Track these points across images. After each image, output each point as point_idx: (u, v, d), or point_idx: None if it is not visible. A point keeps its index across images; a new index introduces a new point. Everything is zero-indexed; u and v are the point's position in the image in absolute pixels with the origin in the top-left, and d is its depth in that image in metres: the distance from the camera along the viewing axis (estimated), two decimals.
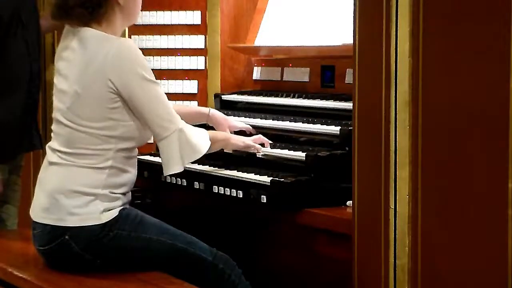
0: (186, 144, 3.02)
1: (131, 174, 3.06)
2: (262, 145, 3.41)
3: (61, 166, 2.99)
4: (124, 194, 3.04)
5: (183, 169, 3.05)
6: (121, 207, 3.00)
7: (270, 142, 3.44)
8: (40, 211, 3.01)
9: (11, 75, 3.55)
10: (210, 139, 3.15)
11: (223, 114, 3.60)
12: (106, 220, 2.95)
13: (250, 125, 3.61)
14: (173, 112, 3.03)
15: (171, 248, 3.00)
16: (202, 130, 3.18)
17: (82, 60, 2.97)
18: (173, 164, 3.03)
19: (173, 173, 3.06)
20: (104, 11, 3.01)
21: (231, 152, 3.42)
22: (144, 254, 3.00)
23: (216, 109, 3.99)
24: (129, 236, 2.97)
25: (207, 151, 3.13)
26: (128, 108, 2.96)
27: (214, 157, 3.50)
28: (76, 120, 2.97)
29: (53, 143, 3.06)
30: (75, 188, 2.95)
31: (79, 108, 2.97)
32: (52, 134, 3.09)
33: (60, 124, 3.03)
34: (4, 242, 3.43)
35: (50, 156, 3.05)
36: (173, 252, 3.01)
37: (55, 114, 3.06)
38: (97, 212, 2.94)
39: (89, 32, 2.99)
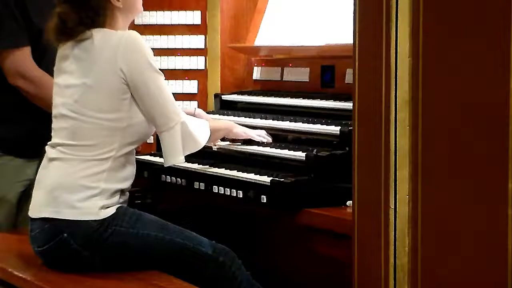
0: (188, 135, 3.06)
1: (130, 171, 3.08)
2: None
3: (61, 160, 3.00)
4: (123, 191, 3.05)
5: (184, 161, 3.09)
6: (119, 205, 3.01)
7: (270, 140, 3.47)
8: (38, 206, 3.02)
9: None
10: (211, 128, 3.22)
11: (206, 113, 3.66)
12: (104, 217, 2.95)
13: (250, 125, 3.62)
14: (176, 104, 3.07)
15: (170, 244, 3.01)
16: (203, 120, 3.24)
17: (90, 55, 2.99)
18: (175, 155, 3.05)
19: (174, 164, 3.09)
20: (103, 19, 3.04)
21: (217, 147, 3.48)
22: (143, 251, 3.00)
23: (216, 109, 4.01)
24: (128, 233, 2.97)
25: (209, 140, 3.19)
26: (135, 100, 2.98)
27: (214, 157, 3.51)
28: (83, 111, 2.99)
29: (54, 140, 3.07)
30: (77, 182, 2.96)
31: (88, 100, 2.98)
32: (52, 133, 3.09)
33: (63, 118, 3.03)
34: (4, 242, 3.43)
35: (50, 153, 3.05)
36: (172, 247, 3.01)
37: (58, 110, 3.06)
38: (95, 208, 2.95)
39: (93, 30, 3.01)
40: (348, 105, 3.24)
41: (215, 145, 3.50)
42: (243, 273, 3.07)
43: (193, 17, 4.15)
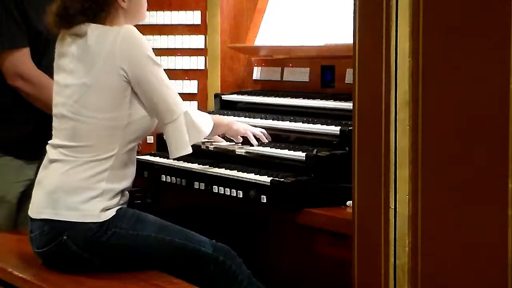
0: (192, 126, 3.08)
1: (132, 169, 3.07)
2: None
3: (62, 162, 2.99)
4: (123, 192, 3.04)
5: (191, 151, 3.09)
6: (119, 207, 3.01)
7: (268, 140, 3.47)
8: (38, 207, 3.01)
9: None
10: (214, 122, 3.24)
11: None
12: (104, 219, 2.95)
13: (250, 125, 3.61)
14: (178, 95, 3.07)
15: (170, 244, 3.00)
16: (203, 112, 3.26)
17: (88, 53, 2.98)
18: (182, 147, 3.06)
19: (181, 155, 3.09)
20: (106, 15, 3.02)
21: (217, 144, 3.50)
22: (144, 252, 3.00)
23: (216, 109, 4.01)
24: (127, 234, 2.97)
25: (211, 133, 3.21)
26: (135, 96, 2.98)
27: (214, 157, 3.51)
28: (83, 112, 2.98)
29: (54, 140, 3.06)
30: (77, 184, 2.95)
31: (88, 100, 2.97)
32: (53, 132, 3.09)
33: (64, 119, 3.03)
34: (4, 242, 3.43)
35: (51, 153, 3.04)
36: (172, 248, 3.01)
37: (58, 110, 3.06)
38: (96, 210, 2.94)
39: (90, 26, 2.99)
40: (348, 105, 3.24)
41: (212, 145, 3.50)
42: (243, 272, 3.07)
43: (193, 17, 4.15)
